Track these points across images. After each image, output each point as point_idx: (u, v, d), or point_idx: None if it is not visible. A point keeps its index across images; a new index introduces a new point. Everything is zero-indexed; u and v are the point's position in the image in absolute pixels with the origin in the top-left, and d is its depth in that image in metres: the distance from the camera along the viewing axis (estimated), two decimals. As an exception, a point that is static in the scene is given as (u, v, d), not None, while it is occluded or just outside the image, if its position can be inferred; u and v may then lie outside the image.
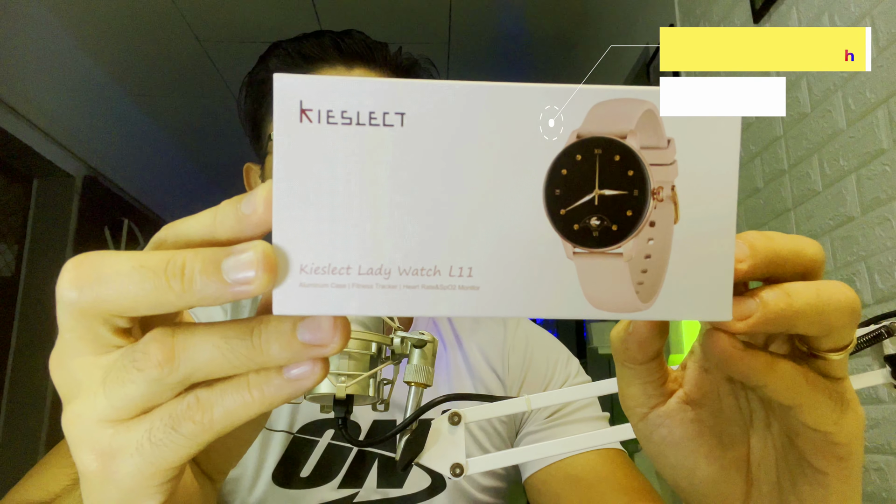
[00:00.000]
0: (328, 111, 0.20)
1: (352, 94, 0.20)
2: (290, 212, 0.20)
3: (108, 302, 0.20)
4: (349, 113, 0.20)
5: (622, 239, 0.21)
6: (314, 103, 0.20)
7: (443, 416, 0.38)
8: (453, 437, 0.38)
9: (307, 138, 0.20)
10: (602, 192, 0.21)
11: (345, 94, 0.20)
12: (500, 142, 0.21)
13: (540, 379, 0.69)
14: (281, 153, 0.20)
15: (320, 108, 0.20)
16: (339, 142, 0.20)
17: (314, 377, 0.21)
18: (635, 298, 0.21)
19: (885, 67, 1.08)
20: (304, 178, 0.20)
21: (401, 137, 0.20)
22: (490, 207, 0.21)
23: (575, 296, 0.21)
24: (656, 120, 0.21)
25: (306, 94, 0.20)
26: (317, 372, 0.21)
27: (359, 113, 0.20)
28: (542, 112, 0.21)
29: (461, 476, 0.37)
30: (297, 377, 0.21)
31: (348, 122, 0.20)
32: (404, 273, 0.21)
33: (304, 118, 0.20)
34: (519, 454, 0.40)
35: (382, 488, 0.63)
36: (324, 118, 0.20)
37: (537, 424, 0.66)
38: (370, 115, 0.20)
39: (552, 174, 0.21)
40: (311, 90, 0.20)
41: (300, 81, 0.20)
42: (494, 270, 0.21)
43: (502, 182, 0.21)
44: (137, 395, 0.21)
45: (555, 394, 0.40)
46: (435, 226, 0.21)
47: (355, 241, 0.20)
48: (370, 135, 0.20)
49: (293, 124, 0.20)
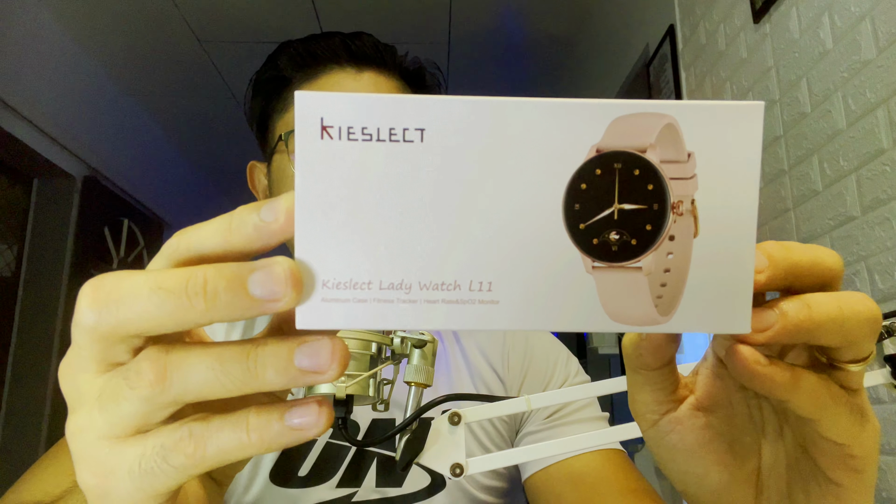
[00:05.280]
0: (349, 128, 0.20)
1: (372, 110, 0.20)
2: (312, 228, 0.20)
3: (128, 324, 0.20)
4: (369, 129, 0.20)
5: (641, 253, 0.21)
6: (335, 120, 0.20)
7: (443, 416, 0.38)
8: (453, 437, 0.38)
9: (328, 155, 0.20)
10: (621, 206, 0.21)
11: (365, 110, 0.20)
12: (520, 156, 0.21)
13: (540, 378, 0.69)
14: (302, 169, 0.20)
15: (341, 124, 0.20)
16: (360, 158, 0.20)
17: (317, 429, 0.21)
18: (654, 312, 0.21)
19: (885, 67, 1.08)
20: (326, 195, 0.20)
21: (421, 153, 0.20)
22: (509, 222, 0.21)
23: (594, 309, 0.21)
24: (677, 134, 0.21)
25: (327, 111, 0.20)
26: (320, 424, 0.21)
27: (379, 129, 0.20)
28: (562, 126, 0.21)
29: (461, 476, 0.37)
30: (298, 426, 0.21)
31: (368, 138, 0.20)
32: (425, 288, 0.21)
33: (324, 135, 0.20)
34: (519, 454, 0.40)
35: (381, 487, 0.62)
36: (344, 135, 0.20)
37: (537, 424, 0.66)
38: (390, 132, 0.20)
39: (571, 189, 0.21)
40: (331, 107, 0.20)
41: (321, 99, 0.20)
42: (514, 284, 0.21)
43: (522, 196, 0.21)
44: (131, 412, 0.21)
45: (555, 394, 0.40)
46: (455, 240, 0.21)
47: (376, 257, 0.21)
48: (390, 151, 0.20)
49: (314, 141, 0.20)
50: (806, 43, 1.31)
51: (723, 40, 1.68)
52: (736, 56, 1.61)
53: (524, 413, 0.68)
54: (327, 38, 0.67)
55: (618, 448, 0.64)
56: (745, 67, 1.56)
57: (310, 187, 0.20)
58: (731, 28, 1.64)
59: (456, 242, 0.21)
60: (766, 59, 1.46)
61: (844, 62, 1.19)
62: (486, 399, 0.40)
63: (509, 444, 0.68)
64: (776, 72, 1.43)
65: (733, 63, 1.62)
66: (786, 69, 1.38)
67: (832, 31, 1.22)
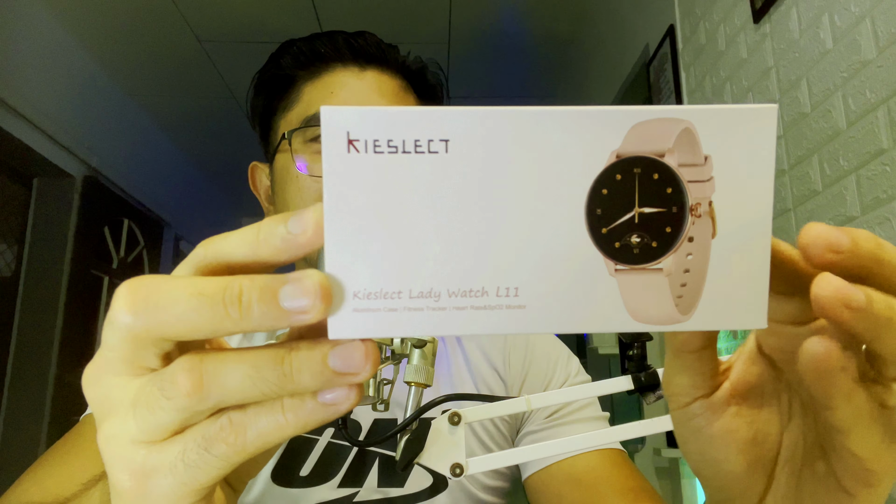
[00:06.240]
0: (374, 140, 0.21)
1: (397, 123, 0.21)
2: (341, 240, 0.21)
3: (164, 327, 0.20)
4: (395, 141, 0.21)
5: (662, 255, 0.22)
6: (361, 134, 0.21)
7: (443, 416, 0.38)
8: (453, 438, 0.38)
9: (355, 168, 0.21)
10: (642, 210, 0.21)
11: (390, 123, 0.21)
12: (542, 164, 0.21)
13: (541, 377, 0.69)
14: (330, 183, 0.21)
15: (367, 138, 0.21)
16: (387, 170, 0.21)
17: (349, 402, 0.21)
18: (675, 311, 0.22)
19: (886, 67, 1.08)
20: (354, 207, 0.21)
21: (446, 163, 0.21)
22: (534, 228, 0.21)
23: (617, 311, 0.22)
24: (693, 138, 0.21)
25: (353, 125, 0.21)
26: (351, 397, 0.21)
27: (404, 141, 0.21)
28: (582, 134, 0.21)
29: (461, 476, 0.37)
30: (331, 402, 0.21)
31: (394, 150, 0.21)
32: (454, 295, 0.21)
33: (351, 148, 0.21)
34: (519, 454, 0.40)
35: (383, 487, 0.62)
36: (370, 147, 0.21)
37: (537, 424, 0.66)
38: (415, 143, 0.21)
39: (593, 194, 0.21)
40: (357, 121, 0.21)
41: (347, 113, 0.21)
42: (540, 289, 0.22)
43: (545, 203, 0.21)
44: (167, 421, 0.21)
45: (555, 394, 0.40)
46: (481, 248, 0.21)
47: (405, 267, 0.21)
48: (416, 162, 0.21)
49: (341, 155, 0.21)
50: (806, 43, 1.31)
51: (723, 40, 1.68)
52: (736, 56, 1.61)
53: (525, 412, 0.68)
54: (330, 36, 0.67)
55: (618, 448, 0.64)
56: (745, 67, 1.56)
57: (338, 200, 0.21)
58: (731, 28, 1.64)
59: (482, 250, 0.21)
60: (766, 59, 1.46)
61: (844, 62, 1.19)
62: (486, 399, 0.40)
63: (510, 443, 0.68)
64: (776, 72, 1.43)
65: (733, 63, 1.62)
66: (786, 69, 1.38)
67: (832, 31, 1.22)
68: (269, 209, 0.71)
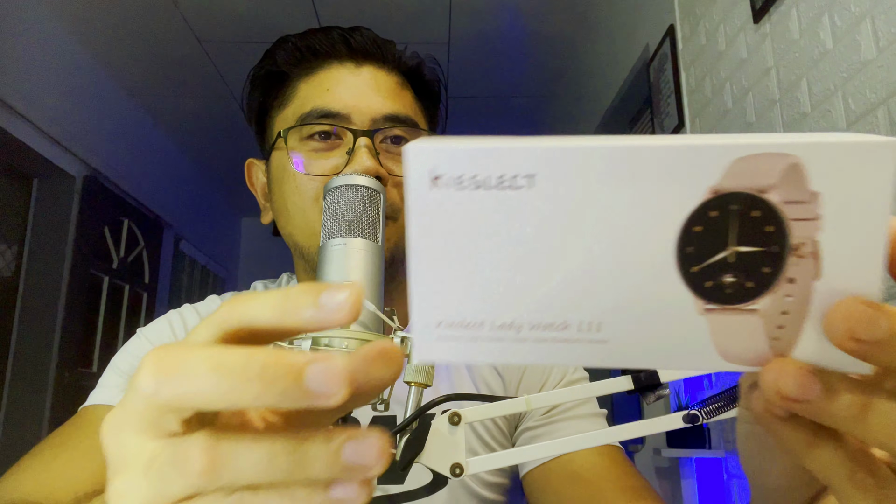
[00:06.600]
0: (459, 176, 0.21)
1: (481, 159, 0.21)
2: (424, 271, 0.21)
3: (185, 399, 0.20)
4: (479, 177, 0.21)
5: (757, 296, 0.20)
6: (445, 170, 0.21)
7: (443, 415, 0.38)
8: (453, 437, 0.38)
9: (439, 203, 0.21)
10: (738, 248, 0.20)
11: (475, 159, 0.21)
12: (632, 199, 0.20)
13: (538, 374, 0.69)
14: (414, 217, 0.21)
15: (451, 174, 0.21)
16: (470, 205, 0.21)
17: (359, 501, 0.21)
18: (769, 353, 0.21)
19: (886, 67, 1.08)
20: (437, 240, 0.21)
21: (531, 198, 0.21)
22: (619, 264, 0.21)
23: (706, 350, 0.21)
24: (801, 173, 0.20)
25: (437, 161, 0.21)
26: (362, 497, 0.21)
27: (489, 177, 0.21)
28: (678, 169, 0.20)
29: (461, 476, 0.37)
30: (342, 498, 0.21)
31: (478, 186, 0.21)
32: (535, 328, 0.21)
33: (434, 185, 0.21)
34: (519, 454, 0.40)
35: (383, 485, 0.62)
36: (454, 183, 0.21)
37: (535, 420, 0.66)
38: (500, 178, 0.21)
39: (685, 231, 0.20)
40: (442, 158, 0.21)
41: (432, 150, 0.21)
42: (623, 325, 0.21)
43: (633, 239, 0.21)
44: (177, 493, 0.21)
45: (555, 394, 0.40)
46: (564, 282, 0.21)
47: (487, 299, 0.21)
48: (500, 197, 0.21)
49: (425, 190, 0.21)
50: (806, 43, 1.31)
51: (723, 40, 1.68)
52: (736, 56, 1.61)
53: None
54: (326, 32, 0.67)
55: (616, 445, 0.64)
56: (745, 67, 1.56)
57: (422, 233, 0.21)
58: (731, 28, 1.64)
59: (565, 284, 0.21)
60: (766, 59, 1.46)
61: (844, 62, 1.19)
62: (486, 399, 0.40)
63: (509, 440, 0.68)
64: (776, 72, 1.43)
65: (733, 63, 1.62)
66: (786, 69, 1.38)
67: (832, 31, 1.22)
68: (266, 206, 0.71)
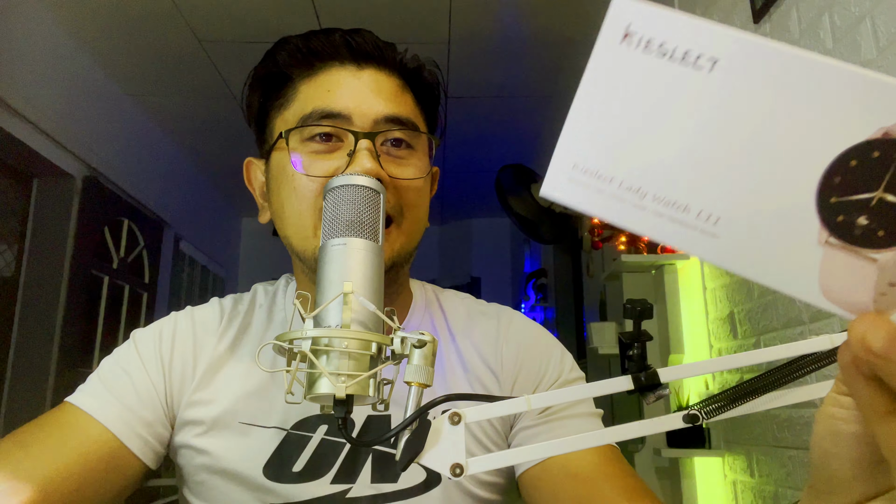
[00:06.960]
0: (648, 40, 0.21)
1: (677, 29, 0.21)
2: (585, 115, 0.22)
3: None
4: (667, 46, 0.21)
5: (884, 247, 0.20)
6: (639, 27, 0.21)
7: (443, 416, 0.38)
8: (453, 438, 0.38)
9: (622, 59, 0.21)
10: (885, 196, 0.20)
11: (671, 28, 0.21)
12: (802, 112, 0.20)
13: (533, 375, 0.69)
14: (594, 63, 0.21)
15: (643, 35, 0.21)
16: (648, 71, 0.21)
17: None
18: (871, 305, 0.20)
19: (885, 67, 1.07)
20: (608, 92, 0.22)
21: (706, 82, 0.21)
22: (762, 169, 0.21)
23: (809, 280, 0.21)
24: None
25: (635, 18, 0.21)
26: None
27: (676, 49, 0.21)
28: (858, 99, 0.20)
29: (461, 476, 0.37)
30: None
31: (663, 55, 0.21)
32: (657, 201, 0.22)
33: (625, 40, 0.21)
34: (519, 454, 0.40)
35: (376, 483, 0.62)
36: (642, 45, 0.21)
37: (531, 419, 0.66)
38: (685, 54, 0.21)
39: (839, 161, 0.20)
40: (642, 15, 0.21)
41: (635, 5, 0.21)
42: (739, 227, 0.21)
43: (786, 150, 0.20)
44: None
45: (555, 394, 0.40)
46: (700, 168, 0.21)
47: (625, 159, 0.22)
48: (679, 72, 0.21)
49: (614, 43, 0.21)
50: (806, 43, 1.31)
51: (723, 40, 1.68)
52: (736, 56, 1.61)
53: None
54: (327, 34, 0.66)
55: (612, 444, 0.64)
56: (745, 67, 1.56)
57: (594, 83, 0.22)
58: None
59: (700, 170, 0.21)
60: (766, 59, 1.46)
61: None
62: (486, 399, 0.40)
63: (504, 439, 0.68)
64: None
65: (733, 63, 1.62)
66: (786, 69, 1.38)
67: (832, 31, 1.22)
68: (264, 205, 0.71)
